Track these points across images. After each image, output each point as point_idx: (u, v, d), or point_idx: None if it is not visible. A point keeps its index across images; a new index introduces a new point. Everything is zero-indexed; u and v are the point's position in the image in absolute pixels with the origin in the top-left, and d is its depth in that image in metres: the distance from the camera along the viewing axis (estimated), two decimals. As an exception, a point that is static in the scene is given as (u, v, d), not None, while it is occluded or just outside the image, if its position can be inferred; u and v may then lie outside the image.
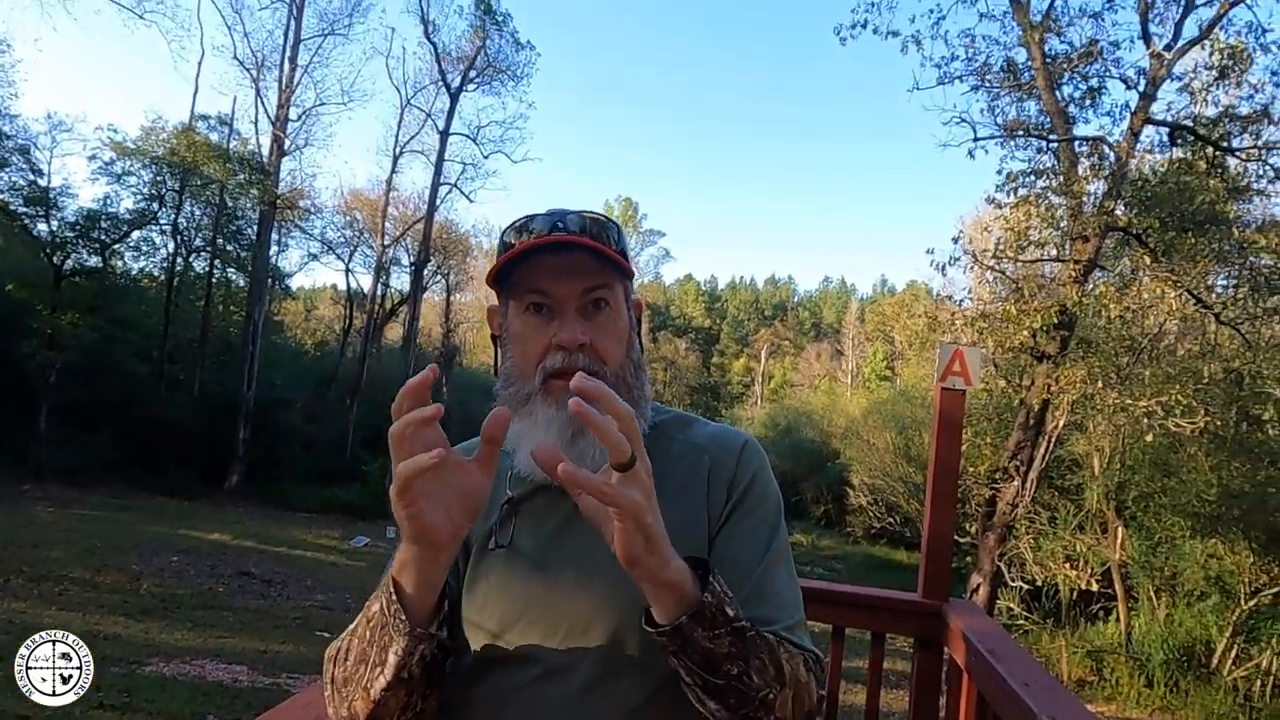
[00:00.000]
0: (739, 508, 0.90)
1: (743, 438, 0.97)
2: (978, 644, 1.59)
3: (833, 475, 23.92)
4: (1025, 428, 9.44)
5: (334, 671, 0.81)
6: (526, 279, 0.86)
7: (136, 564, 9.95)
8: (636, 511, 0.66)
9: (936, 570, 2.16)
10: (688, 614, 0.71)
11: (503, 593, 0.86)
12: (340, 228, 27.34)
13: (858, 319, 48.26)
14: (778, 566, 0.89)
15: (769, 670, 0.76)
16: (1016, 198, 9.83)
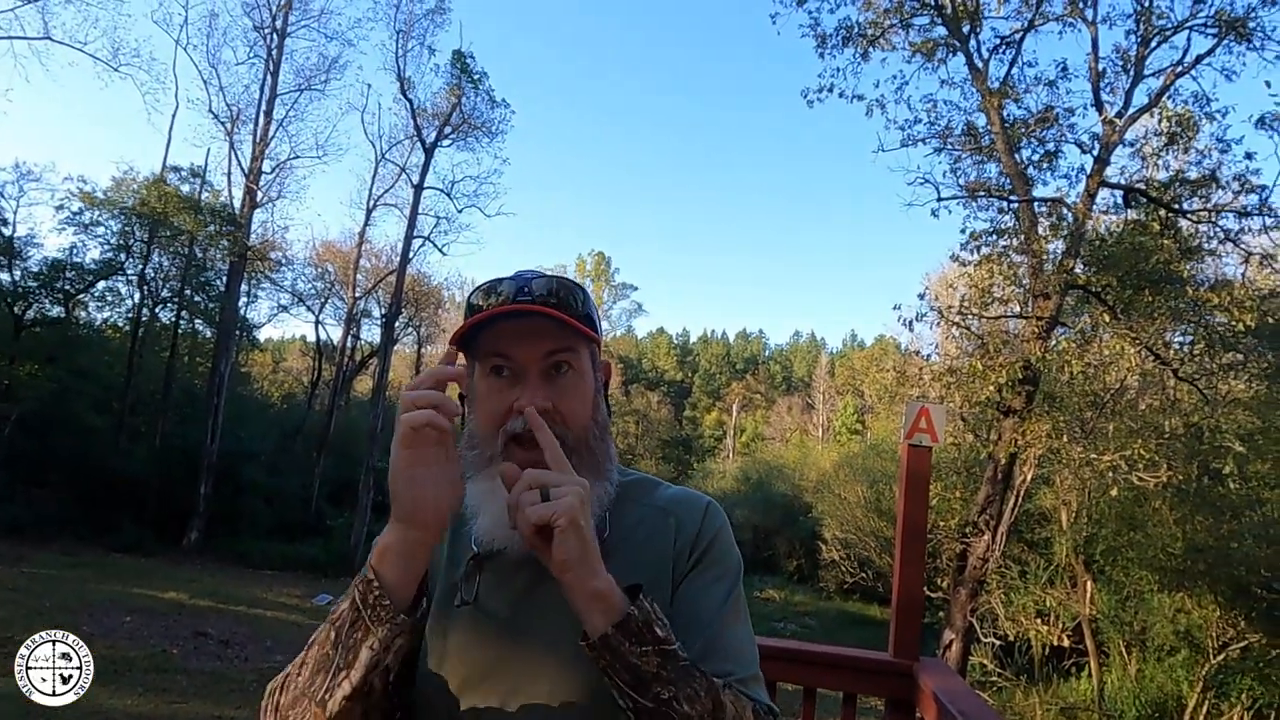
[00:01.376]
0: (699, 565, 0.92)
1: (705, 500, 0.99)
2: (949, 705, 1.58)
3: (805, 529, 23.82)
4: (994, 481, 9.52)
5: (278, 699, 0.77)
6: (489, 342, 0.87)
7: (87, 625, 9.56)
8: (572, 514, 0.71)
9: (907, 630, 2.15)
10: (614, 624, 0.73)
11: (466, 652, 0.85)
12: (311, 279, 27.25)
13: (828, 373, 48.68)
14: (734, 623, 0.90)
15: (703, 702, 0.76)
16: (980, 256, 10.09)
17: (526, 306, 0.85)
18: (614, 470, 0.93)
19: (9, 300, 18.14)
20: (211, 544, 18.58)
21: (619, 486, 0.95)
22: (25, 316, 18.23)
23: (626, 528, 0.92)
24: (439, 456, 0.73)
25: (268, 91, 21.87)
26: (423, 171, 24.28)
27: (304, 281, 26.79)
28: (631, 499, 0.96)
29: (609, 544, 0.87)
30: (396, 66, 22.69)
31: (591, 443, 0.90)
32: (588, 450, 0.88)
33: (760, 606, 20.71)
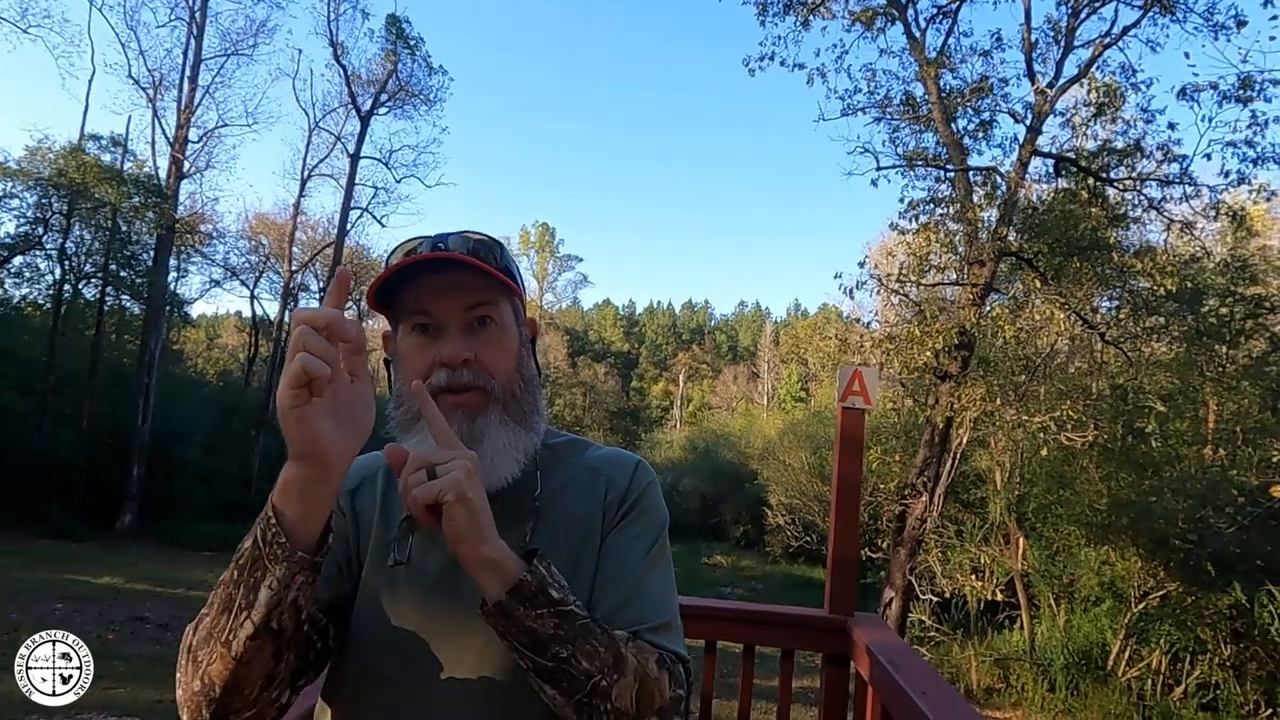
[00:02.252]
0: (625, 519, 0.94)
1: (634, 459, 1.00)
2: (880, 656, 1.63)
3: (751, 496, 24.22)
4: (931, 445, 9.79)
5: (191, 640, 0.76)
6: (410, 300, 0.87)
7: (15, 614, 9.24)
8: (458, 489, 0.70)
9: (842, 586, 2.21)
10: (508, 590, 0.74)
11: (399, 610, 0.85)
12: (245, 253, 26.37)
13: (772, 341, 49.28)
14: (654, 574, 0.92)
15: (603, 657, 0.77)
16: (918, 224, 10.27)
17: (444, 255, 0.84)
18: (541, 423, 0.94)
19: (-84, 277, 17.17)
20: (146, 527, 18.05)
21: (551, 448, 0.97)
22: (-66, 295, 17.29)
23: (557, 486, 0.94)
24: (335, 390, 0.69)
25: (192, 56, 20.93)
26: (359, 140, 23.64)
27: (237, 255, 25.93)
28: (562, 459, 0.97)
29: (540, 501, 0.90)
30: (329, 31, 21.95)
31: (517, 394, 0.90)
32: (512, 400, 0.89)
33: (708, 572, 21.05)
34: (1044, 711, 11.34)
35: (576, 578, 0.87)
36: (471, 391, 0.86)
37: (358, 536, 0.90)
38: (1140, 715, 10.82)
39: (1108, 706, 10.93)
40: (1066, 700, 11.39)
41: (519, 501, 0.89)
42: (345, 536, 0.90)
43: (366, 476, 0.93)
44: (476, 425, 0.84)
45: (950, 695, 1.35)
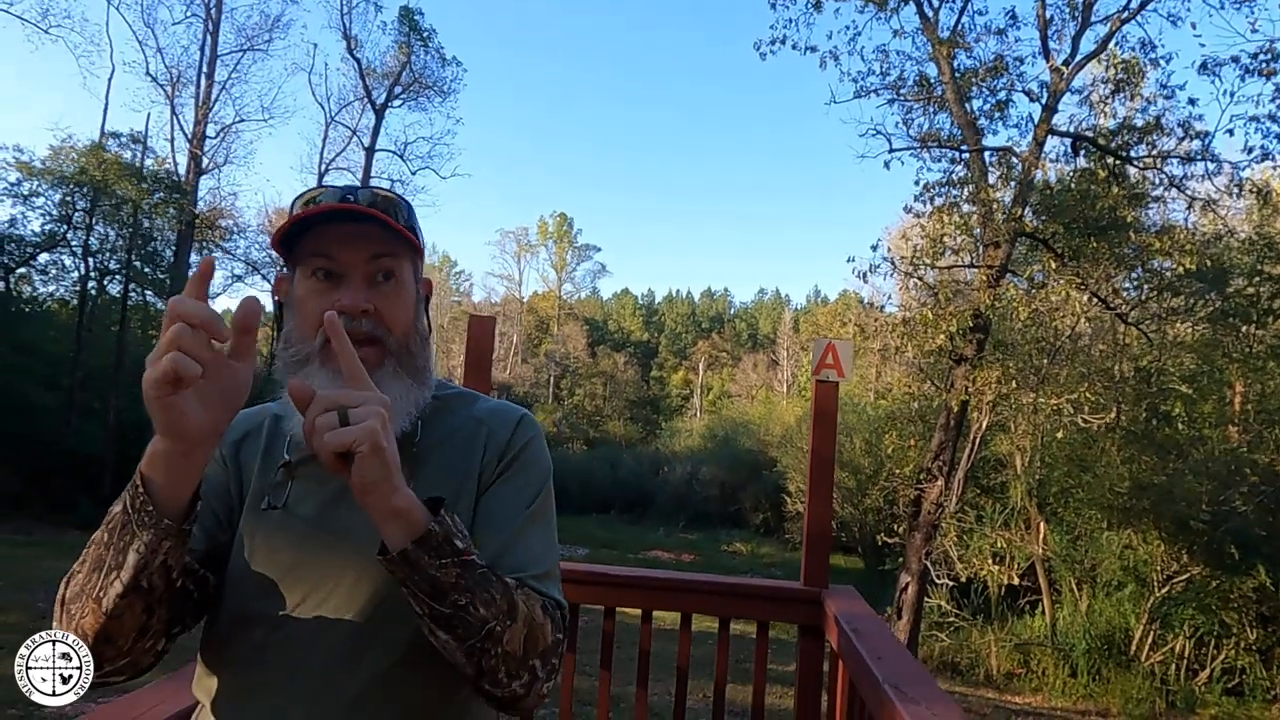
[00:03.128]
0: (506, 471, 0.95)
1: (520, 412, 1.01)
2: (845, 626, 1.62)
3: (770, 483, 24.18)
4: (946, 429, 9.70)
5: (63, 593, 0.78)
6: (314, 245, 0.87)
7: (43, 602, 9.43)
8: (374, 439, 0.69)
9: (816, 560, 2.20)
10: (414, 540, 0.73)
11: (272, 553, 0.87)
12: (265, 247, 26.61)
13: (792, 329, 49.02)
14: (534, 524, 0.93)
15: (498, 604, 0.78)
16: (933, 207, 10.15)
17: (355, 207, 0.85)
18: (432, 378, 0.95)
19: (-55, 276, 17.54)
20: (173, 518, 18.37)
21: (440, 399, 0.97)
22: (-36, 292, 17.65)
23: (440, 435, 0.94)
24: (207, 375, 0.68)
25: (208, 52, 21.14)
26: (374, 133, 23.79)
27: (258, 250, 26.19)
28: (450, 410, 0.98)
29: (420, 449, 0.91)
30: (342, 24, 22.06)
31: (412, 349, 0.91)
32: (408, 354, 0.90)
33: (727, 560, 21.06)
34: (1065, 696, 11.24)
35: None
36: (369, 345, 0.86)
37: (241, 486, 0.91)
38: (1164, 700, 10.71)
39: (1130, 691, 10.81)
40: (1088, 685, 11.29)
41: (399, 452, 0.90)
42: (226, 487, 0.91)
43: (251, 429, 0.94)
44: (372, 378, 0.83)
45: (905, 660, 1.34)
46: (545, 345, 52.07)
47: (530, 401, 44.09)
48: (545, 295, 56.60)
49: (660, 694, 5.91)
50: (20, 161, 18.95)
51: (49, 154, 19.59)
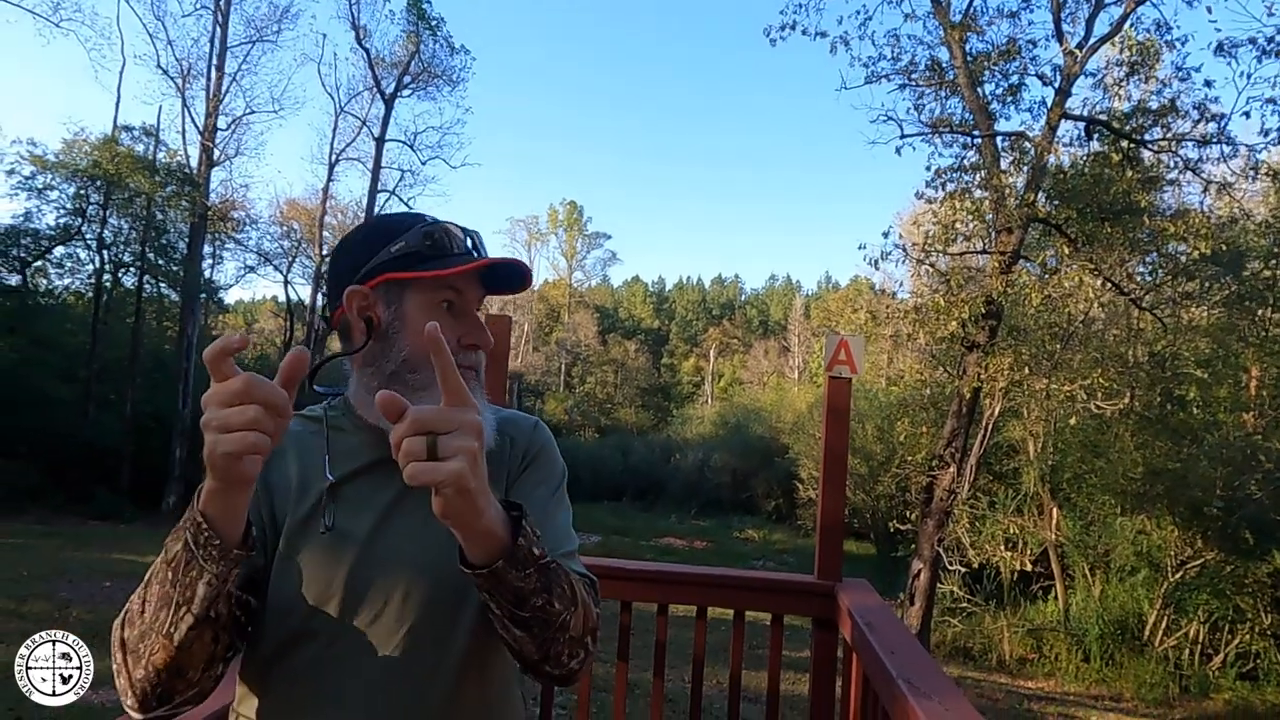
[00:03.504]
0: (528, 470, 1.02)
1: (533, 420, 1.09)
2: (859, 619, 1.65)
3: (782, 470, 24.19)
4: (959, 415, 9.68)
5: (124, 634, 0.80)
6: (448, 279, 0.95)
7: (65, 591, 9.58)
8: (459, 482, 0.69)
9: (829, 553, 2.23)
10: (502, 558, 0.77)
11: (323, 573, 0.89)
12: (277, 238, 26.77)
13: (803, 315, 48.88)
14: (560, 507, 1.02)
15: (567, 597, 0.84)
16: (944, 193, 10.09)
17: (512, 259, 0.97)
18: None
19: (-38, 270, 17.73)
20: (190, 508, 18.56)
21: None
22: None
23: None
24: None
25: (218, 44, 21.15)
26: (383, 123, 23.79)
27: (270, 241, 26.33)
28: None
29: None
30: (351, 14, 22.04)
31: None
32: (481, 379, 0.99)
33: (739, 546, 21.12)
34: (1078, 681, 11.26)
35: None
36: (470, 371, 0.95)
37: (271, 507, 0.92)
38: (1177, 684, 10.71)
39: (1143, 676, 10.82)
40: (1101, 670, 11.30)
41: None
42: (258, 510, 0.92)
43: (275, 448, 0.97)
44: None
45: (918, 655, 1.37)
46: (556, 333, 52.18)
47: (542, 390, 44.23)
48: (556, 283, 56.65)
49: (676, 680, 5.98)
50: (34, 155, 19.10)
51: (62, 147, 19.75)
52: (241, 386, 0.69)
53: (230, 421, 0.69)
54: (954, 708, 1.16)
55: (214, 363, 0.70)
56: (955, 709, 1.15)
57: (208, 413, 0.70)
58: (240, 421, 0.68)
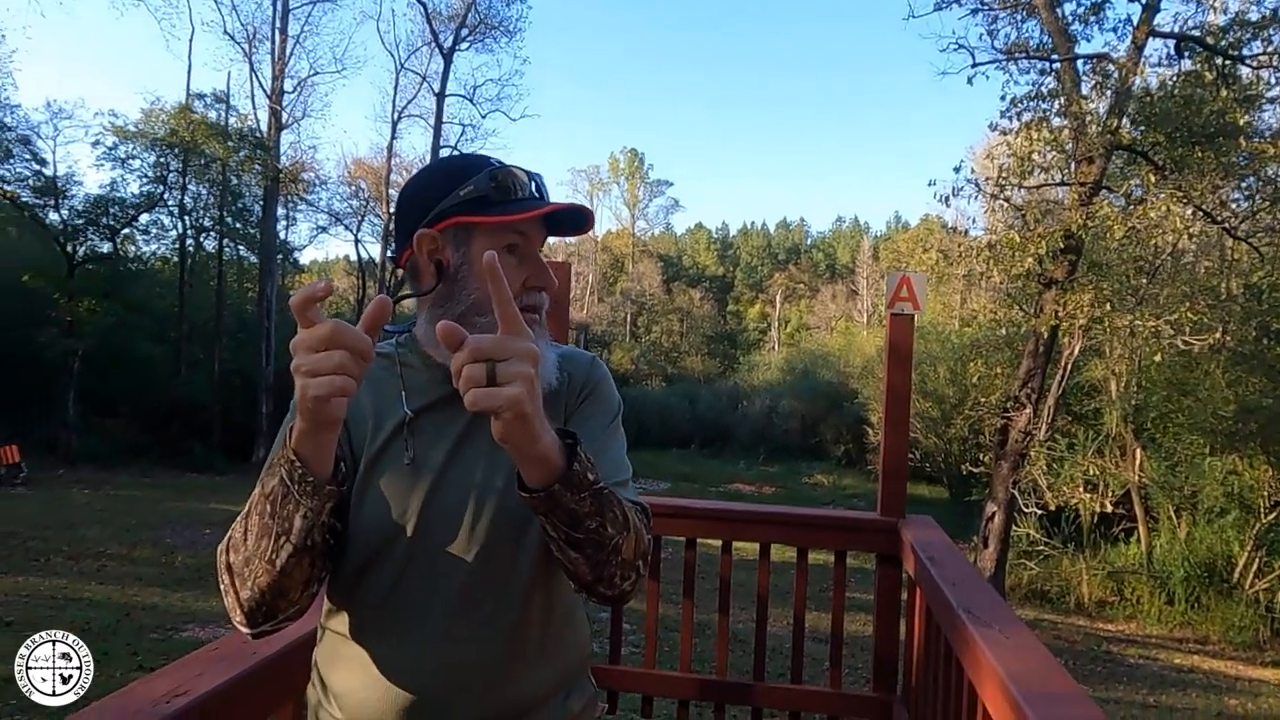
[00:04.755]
0: (585, 403, 1.05)
1: (590, 356, 1.12)
2: (922, 554, 1.65)
3: (851, 415, 23.99)
4: (1035, 355, 9.39)
5: (229, 559, 0.87)
6: (518, 224, 0.97)
7: (170, 538, 10.26)
8: (517, 406, 0.73)
9: (893, 490, 2.22)
10: (558, 482, 0.81)
11: (403, 501, 0.95)
12: (346, 198, 27.36)
13: (872, 257, 47.61)
14: (615, 438, 1.05)
15: (620, 521, 0.88)
16: (1020, 123, 9.63)
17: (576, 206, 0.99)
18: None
19: (60, 239, 18.67)
20: (278, 460, 19.48)
21: None
22: (77, 254, 18.79)
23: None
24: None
25: (280, 7, 21.44)
26: (443, 78, 23.86)
27: (339, 200, 26.93)
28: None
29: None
30: (407, -32, 21.95)
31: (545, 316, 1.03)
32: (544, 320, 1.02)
33: (809, 491, 21.12)
34: (1160, 624, 11.02)
35: None
36: (531, 312, 0.97)
37: (349, 439, 0.98)
38: (1268, 627, 10.38)
39: (1231, 619, 10.52)
40: (1186, 613, 11.02)
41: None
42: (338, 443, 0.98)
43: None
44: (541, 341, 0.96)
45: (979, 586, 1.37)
46: (620, 283, 52.20)
47: (608, 340, 44.50)
48: (619, 233, 56.47)
49: (742, 620, 6.07)
50: (116, 126, 19.85)
51: (140, 118, 20.46)
52: (328, 332, 0.73)
53: (319, 366, 0.72)
54: (1013, 635, 1.16)
55: (300, 310, 0.74)
56: (1014, 636, 1.16)
57: (296, 358, 0.73)
58: (328, 366, 0.72)
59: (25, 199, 18.82)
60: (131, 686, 1.12)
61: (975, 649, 1.22)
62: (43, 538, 9.49)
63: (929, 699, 1.77)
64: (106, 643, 5.97)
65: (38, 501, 12.25)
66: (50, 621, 6.37)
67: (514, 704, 0.96)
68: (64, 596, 7.23)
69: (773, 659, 2.63)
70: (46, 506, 11.83)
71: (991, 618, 1.24)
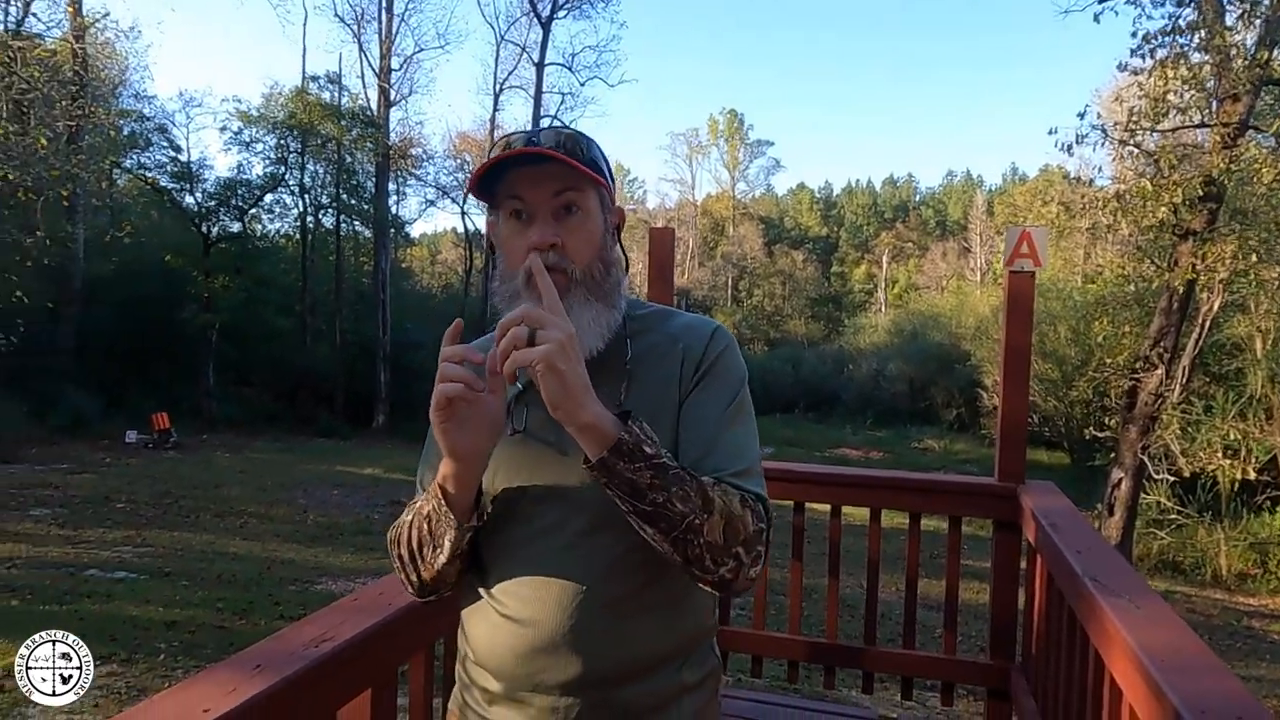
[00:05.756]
0: (704, 380, 1.03)
1: (713, 325, 1.09)
2: (1043, 520, 1.59)
3: (963, 378, 23.13)
4: (1168, 312, 8.77)
5: (399, 551, 1.03)
6: (507, 188, 0.99)
7: (302, 499, 11.00)
8: (548, 359, 0.81)
9: (1011, 454, 2.14)
10: (608, 450, 0.85)
11: (515, 472, 1.02)
12: (451, 171, 28.12)
13: (985, 212, 45.29)
14: (731, 426, 1.02)
15: (693, 500, 0.89)
16: (1154, 61, 8.90)
17: (534, 150, 0.95)
18: (622, 303, 1.05)
19: (195, 220, 20.07)
20: (397, 425, 20.48)
21: (638, 318, 1.08)
22: (211, 234, 20.16)
23: (642, 353, 1.05)
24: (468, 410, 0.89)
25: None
26: (542, 47, 24.06)
27: (445, 174, 27.72)
28: (649, 328, 1.08)
29: (630, 365, 1.03)
30: (504, -60, 22.10)
31: (597, 276, 1.00)
32: (593, 282, 1.00)
33: (917, 457, 20.58)
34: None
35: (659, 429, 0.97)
36: (555, 274, 0.96)
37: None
38: None
39: (1392, 595, 9.67)
40: (1340, 588, 10.20)
41: (614, 366, 1.02)
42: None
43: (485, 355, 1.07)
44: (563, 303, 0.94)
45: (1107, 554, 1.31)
46: (721, 247, 51.72)
47: (709, 305, 44.31)
48: (718, 196, 55.84)
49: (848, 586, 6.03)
50: (240, 111, 21.08)
51: (261, 102, 21.64)
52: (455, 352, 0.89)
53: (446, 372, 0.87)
54: (1145, 605, 1.11)
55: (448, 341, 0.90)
56: (1147, 606, 1.10)
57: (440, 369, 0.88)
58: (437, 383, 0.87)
59: (164, 184, 20.33)
60: (283, 632, 1.23)
61: (1103, 618, 1.18)
62: (192, 496, 10.36)
63: (1050, 669, 1.72)
64: (250, 593, 6.49)
65: (186, 464, 13.34)
66: (202, 573, 6.98)
67: (626, 664, 0.99)
68: (212, 550, 7.90)
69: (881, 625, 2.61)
70: (194, 468, 12.88)
71: (1121, 586, 1.19)
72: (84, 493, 10.13)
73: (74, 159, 13.13)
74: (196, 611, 5.91)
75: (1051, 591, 1.58)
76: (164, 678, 4.65)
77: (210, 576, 6.92)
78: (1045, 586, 1.68)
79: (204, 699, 0.96)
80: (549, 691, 0.99)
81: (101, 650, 4.96)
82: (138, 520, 8.95)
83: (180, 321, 18.45)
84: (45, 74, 12.55)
